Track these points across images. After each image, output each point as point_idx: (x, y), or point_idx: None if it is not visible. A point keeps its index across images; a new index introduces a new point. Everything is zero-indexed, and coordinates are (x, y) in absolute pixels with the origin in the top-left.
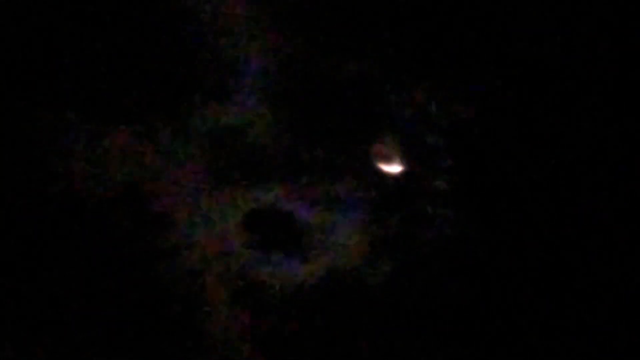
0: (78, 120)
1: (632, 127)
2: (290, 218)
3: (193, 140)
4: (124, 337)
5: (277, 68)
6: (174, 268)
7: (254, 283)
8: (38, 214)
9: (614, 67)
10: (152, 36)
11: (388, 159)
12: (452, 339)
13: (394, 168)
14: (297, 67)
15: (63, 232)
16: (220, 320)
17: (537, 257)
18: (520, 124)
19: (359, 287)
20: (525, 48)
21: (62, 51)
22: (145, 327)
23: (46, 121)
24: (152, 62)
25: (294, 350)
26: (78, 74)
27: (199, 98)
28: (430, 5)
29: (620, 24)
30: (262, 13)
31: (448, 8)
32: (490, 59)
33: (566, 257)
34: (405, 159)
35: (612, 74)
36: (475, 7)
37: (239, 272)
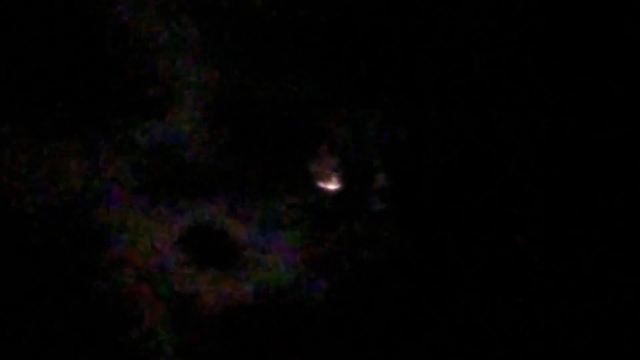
0: (14, 133)
1: (558, 146)
2: (225, 235)
3: (130, 156)
4: (59, 350)
5: (217, 88)
6: (108, 284)
7: (187, 299)
8: None
9: (540, 88)
10: (92, 52)
11: (326, 178)
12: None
13: (331, 186)
14: (237, 87)
15: None
16: (153, 335)
17: (472, 274)
18: (453, 144)
19: (292, 304)
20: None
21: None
22: (79, 341)
23: None
24: (91, 77)
25: None
26: (19, 88)
27: (138, 115)
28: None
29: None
30: (205, 35)
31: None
32: (424, 84)
33: (500, 274)
34: (340, 178)
35: (537, 93)
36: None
37: (173, 288)
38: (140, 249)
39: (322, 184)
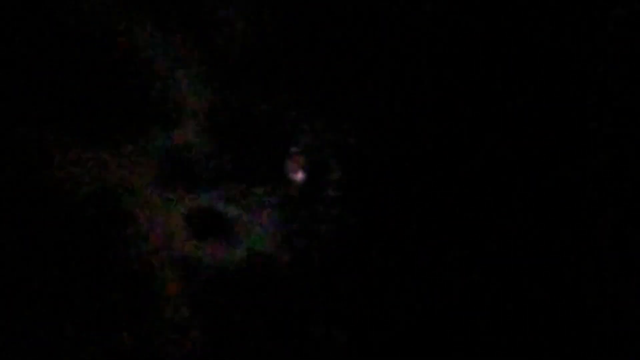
0: (58, 137)
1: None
2: (220, 215)
3: (148, 155)
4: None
5: (214, 106)
6: (131, 254)
7: (193, 263)
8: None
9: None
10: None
11: (295, 172)
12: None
13: (299, 179)
14: (230, 105)
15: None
16: (167, 294)
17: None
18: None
19: (272, 266)
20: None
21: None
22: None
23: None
24: (118, 98)
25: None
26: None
27: (159, 126)
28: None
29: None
30: (204, 64)
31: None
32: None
33: (437, 252)
34: (306, 172)
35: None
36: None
37: (182, 256)
38: (158, 226)
39: (293, 177)
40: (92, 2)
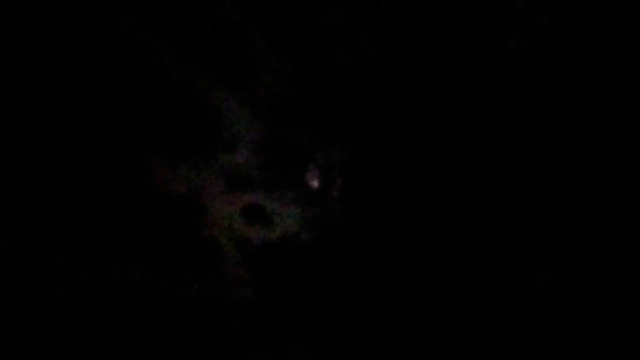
0: (159, 160)
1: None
2: (263, 208)
3: (213, 170)
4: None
5: (258, 132)
6: (205, 237)
7: (245, 239)
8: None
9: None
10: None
11: (312, 181)
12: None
13: (314, 185)
14: (268, 132)
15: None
16: (228, 258)
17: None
18: (381, 164)
19: (297, 243)
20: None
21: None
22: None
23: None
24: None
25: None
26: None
27: (218, 149)
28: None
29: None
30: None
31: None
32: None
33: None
34: (320, 181)
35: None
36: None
37: (239, 235)
38: (220, 218)
39: (310, 184)
40: (171, 63)
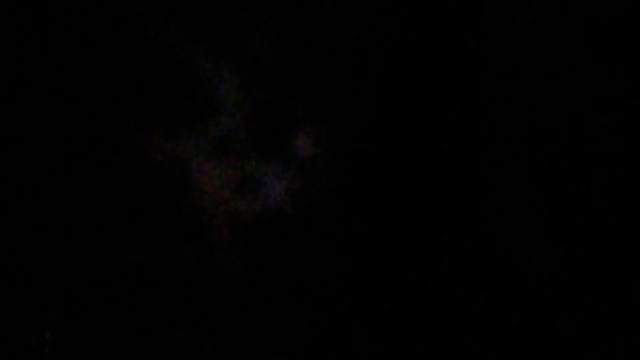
0: (145, 130)
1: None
2: (253, 178)
3: (205, 141)
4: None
5: (250, 102)
6: (203, 210)
7: (237, 212)
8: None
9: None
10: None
11: (304, 149)
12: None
13: (303, 153)
14: (261, 102)
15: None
16: (222, 233)
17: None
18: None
19: (282, 214)
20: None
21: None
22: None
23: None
24: (184, 98)
25: (255, 243)
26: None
27: (206, 117)
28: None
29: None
30: (245, 69)
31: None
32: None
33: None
34: (308, 150)
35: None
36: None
37: (232, 208)
38: (213, 190)
39: (299, 152)
40: (161, 33)
